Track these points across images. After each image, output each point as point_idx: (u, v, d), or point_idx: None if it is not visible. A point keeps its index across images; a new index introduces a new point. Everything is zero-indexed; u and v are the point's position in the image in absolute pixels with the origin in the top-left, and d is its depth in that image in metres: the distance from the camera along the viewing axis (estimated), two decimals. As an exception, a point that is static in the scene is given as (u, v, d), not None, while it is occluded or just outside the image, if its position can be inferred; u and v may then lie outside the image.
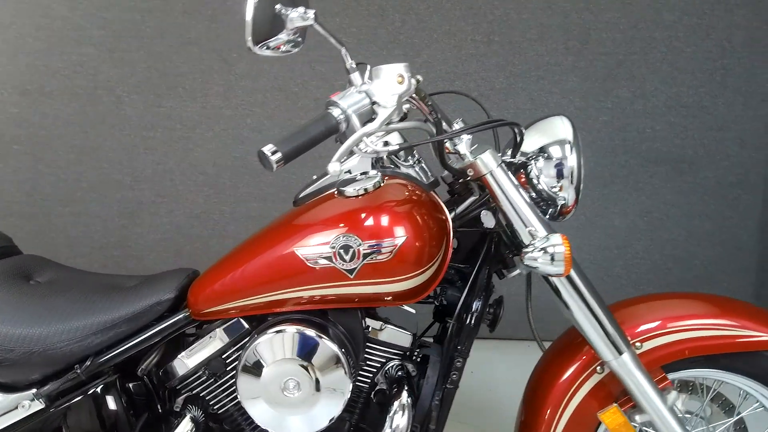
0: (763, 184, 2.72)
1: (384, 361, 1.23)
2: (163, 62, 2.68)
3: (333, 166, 1.03)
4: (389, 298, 1.12)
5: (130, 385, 1.23)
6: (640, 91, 2.67)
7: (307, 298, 1.13)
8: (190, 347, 1.19)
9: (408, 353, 1.23)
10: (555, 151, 1.15)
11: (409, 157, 1.24)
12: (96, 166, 2.74)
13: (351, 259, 1.09)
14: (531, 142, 1.19)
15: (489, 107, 2.67)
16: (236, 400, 1.21)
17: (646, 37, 2.63)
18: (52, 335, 1.13)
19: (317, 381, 1.11)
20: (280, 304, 1.14)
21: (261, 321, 1.21)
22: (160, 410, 1.25)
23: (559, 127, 1.17)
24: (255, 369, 1.11)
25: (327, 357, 1.11)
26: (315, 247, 1.11)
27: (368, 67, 1.19)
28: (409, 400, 1.13)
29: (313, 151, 1.06)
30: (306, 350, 1.11)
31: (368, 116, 1.08)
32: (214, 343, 1.18)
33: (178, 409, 1.24)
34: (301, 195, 1.23)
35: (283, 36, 1.11)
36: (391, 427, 1.11)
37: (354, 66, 1.19)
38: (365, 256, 1.09)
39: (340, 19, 2.66)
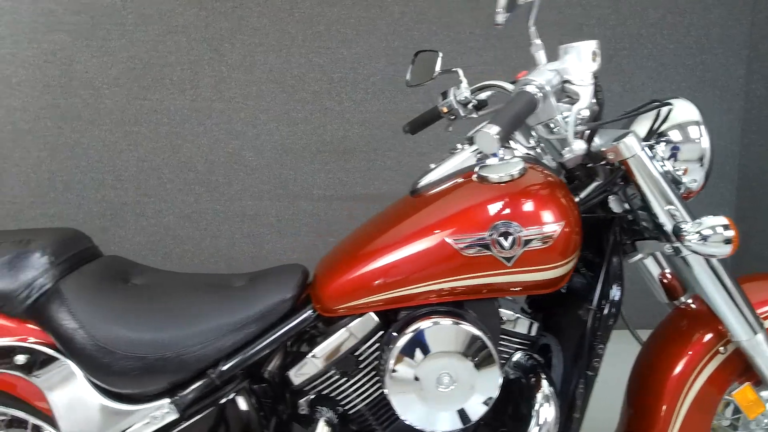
0: (737, 173, 2.92)
1: (512, 351, 1.18)
2: (147, 52, 2.41)
3: (578, 145, 1.02)
4: (531, 287, 1.08)
5: (256, 388, 1.13)
6: (629, 85, 2.76)
7: (449, 289, 1.07)
8: (320, 346, 1.10)
9: (532, 343, 1.19)
10: (688, 133, 1.12)
11: (531, 140, 1.20)
12: (72, 164, 2.43)
13: (511, 247, 1.05)
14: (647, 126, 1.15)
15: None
16: (367, 400, 1.13)
17: (634, 34, 2.71)
18: (184, 339, 1.03)
19: (471, 373, 1.06)
20: (420, 296, 1.08)
21: (389, 316, 1.14)
22: (284, 413, 1.15)
23: (687, 109, 1.14)
24: (406, 365, 1.05)
25: (479, 348, 1.06)
26: (469, 234, 1.06)
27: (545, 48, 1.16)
28: (551, 389, 1.08)
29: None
30: (459, 342, 1.06)
31: (558, 95, 1.06)
32: (345, 340, 1.10)
33: (304, 412, 1.13)
34: (421, 184, 1.17)
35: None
36: (538, 420, 1.06)
37: (540, 43, 1.15)
38: (525, 242, 1.05)
39: (338, 9, 2.54)
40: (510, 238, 1.05)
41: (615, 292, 1.12)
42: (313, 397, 1.14)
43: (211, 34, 2.46)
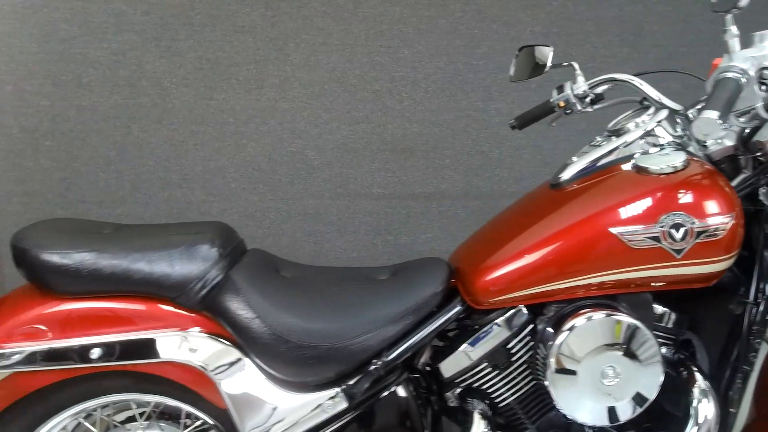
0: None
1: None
2: (214, 52, 2.38)
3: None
4: (690, 281, 1.07)
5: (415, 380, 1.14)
6: (690, 83, 2.76)
7: (608, 282, 1.06)
8: (472, 339, 1.11)
9: (674, 339, 1.17)
10: None
11: (678, 128, 1.18)
12: (139, 163, 2.41)
13: (682, 239, 1.04)
14: None
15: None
16: (518, 393, 1.12)
17: (694, 30, 2.71)
18: (351, 329, 1.04)
19: (634, 364, 1.05)
20: (575, 290, 1.07)
21: (535, 309, 1.13)
22: (435, 406, 1.15)
23: None
24: (569, 360, 1.04)
25: (642, 341, 1.04)
26: (637, 226, 1.04)
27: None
28: (707, 383, 1.06)
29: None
30: (623, 335, 1.04)
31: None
32: (498, 333, 1.10)
33: (452, 404, 1.14)
34: (564, 177, 1.16)
35: None
36: (696, 418, 1.03)
37: (735, 31, 1.16)
38: (698, 234, 1.04)
39: (400, 8, 2.53)
40: (682, 230, 1.04)
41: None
42: (461, 390, 1.14)
43: (277, 33, 2.46)
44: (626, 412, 1.07)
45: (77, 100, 2.36)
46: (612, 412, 1.07)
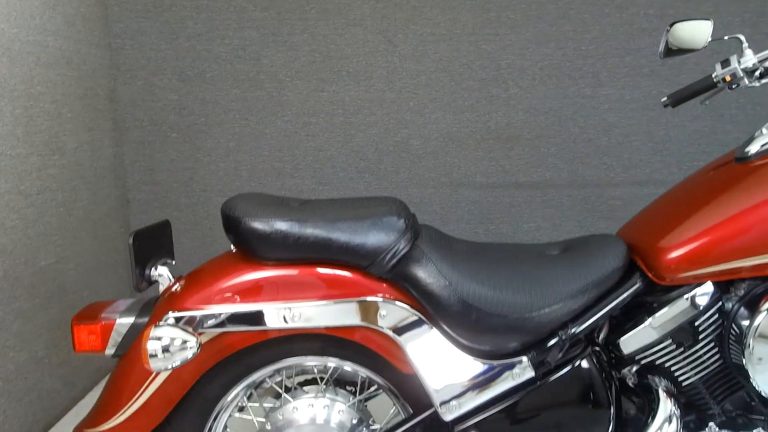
0: None
1: None
2: (327, 45, 2.40)
3: None
4: None
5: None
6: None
7: None
8: (657, 315, 1.06)
9: None
10: None
11: None
12: (256, 154, 2.46)
13: None
14: None
15: (660, 84, 2.58)
16: (703, 372, 1.07)
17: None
18: (538, 300, 1.03)
19: None
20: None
21: (723, 287, 1.07)
22: (616, 382, 1.10)
23: None
24: None
25: None
26: None
27: None
28: None
29: None
30: None
31: None
32: (685, 310, 1.05)
33: (630, 381, 1.10)
34: (752, 151, 1.11)
35: None
36: None
37: None
38: None
39: (509, -5, 2.53)
40: None
41: None
42: (639, 367, 1.10)
43: (386, 25, 2.48)
44: None
45: (201, 94, 2.47)
46: None
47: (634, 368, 1.08)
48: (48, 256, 1.90)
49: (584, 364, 1.04)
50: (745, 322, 1.00)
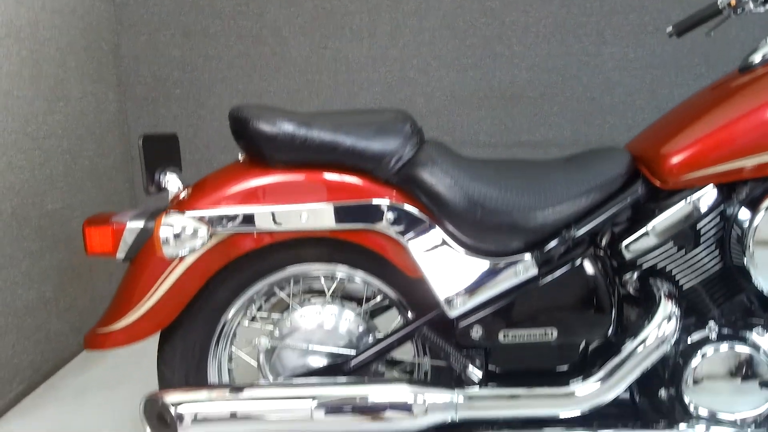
0: None
1: None
2: (330, 1, 2.45)
3: None
4: None
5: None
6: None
7: None
8: (659, 218, 1.07)
9: None
10: None
11: None
12: None
13: None
14: None
15: (665, 42, 2.57)
16: (703, 275, 1.09)
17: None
18: (542, 199, 1.05)
19: None
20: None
21: (726, 192, 1.08)
22: (619, 287, 1.12)
23: None
24: None
25: None
26: None
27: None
28: None
29: None
30: None
31: None
32: (687, 212, 1.06)
33: (631, 288, 1.11)
34: (755, 61, 1.13)
35: None
36: None
37: None
38: None
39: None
40: None
41: None
42: (641, 272, 1.11)
43: (390, -19, 2.51)
44: None
45: (204, 50, 2.48)
46: None
47: (636, 274, 1.10)
48: (54, 200, 1.92)
49: (586, 263, 1.06)
50: (746, 222, 1.02)
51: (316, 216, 1.02)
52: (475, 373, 1.03)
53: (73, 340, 2.01)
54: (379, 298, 1.16)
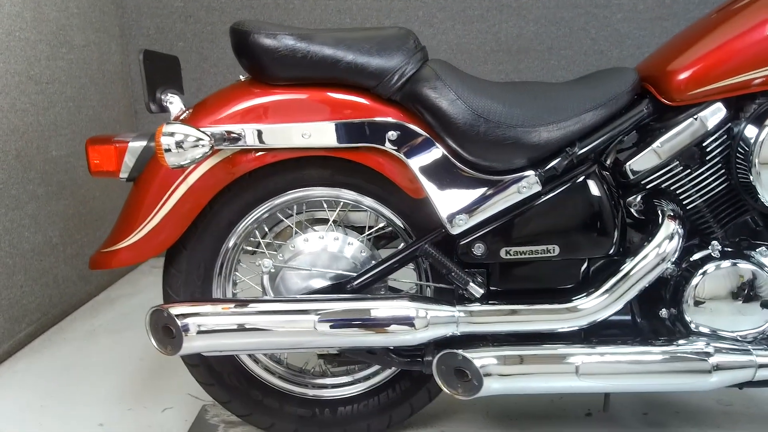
0: None
1: None
2: None
3: None
4: None
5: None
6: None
7: None
8: (664, 136, 1.06)
9: None
10: None
11: None
12: None
13: None
14: None
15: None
16: (708, 195, 1.08)
17: None
18: (546, 114, 1.04)
19: None
20: None
21: (734, 110, 1.06)
22: (618, 206, 1.11)
23: None
24: None
25: None
26: None
27: None
28: None
29: None
30: None
31: None
32: (693, 130, 1.05)
33: (636, 209, 1.11)
34: None
35: None
36: None
37: None
38: None
39: None
40: None
41: None
42: (646, 192, 1.11)
43: (394, -71, 2.47)
44: None
45: (207, 1, 2.45)
46: None
47: (641, 195, 1.09)
48: (59, 147, 1.93)
49: (589, 182, 1.06)
50: (753, 139, 1.01)
51: (318, 134, 1.02)
52: (477, 289, 1.03)
53: (81, 288, 2.04)
54: (382, 225, 1.16)
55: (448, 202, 1.03)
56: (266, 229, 1.18)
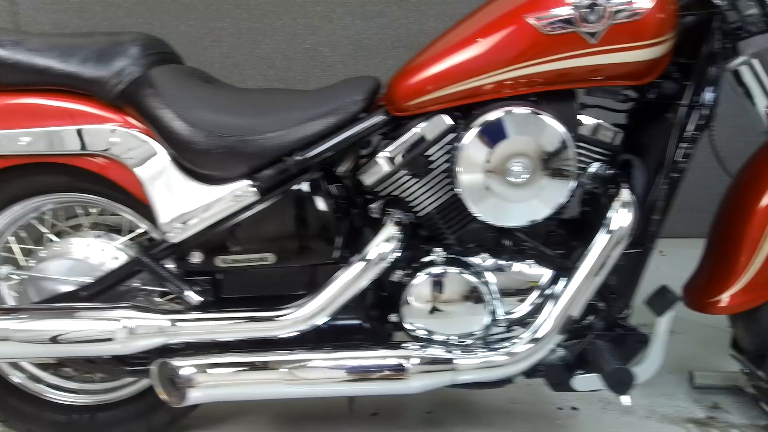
0: None
1: (590, 162, 1.09)
2: None
3: None
4: (617, 75, 1.02)
5: (332, 187, 1.14)
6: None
7: (526, 77, 1.02)
8: (390, 146, 1.08)
9: (612, 157, 1.10)
10: None
11: None
12: None
13: (597, 20, 0.99)
14: None
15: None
16: (437, 203, 1.10)
17: None
18: (262, 124, 1.05)
19: (543, 162, 1.02)
20: (494, 88, 1.02)
21: (459, 121, 1.08)
22: (358, 217, 1.16)
23: None
24: (478, 153, 1.02)
25: (556, 138, 1.01)
26: (551, 9, 1.00)
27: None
28: (632, 197, 1.01)
29: None
30: (530, 128, 1.01)
31: None
32: (416, 139, 1.07)
33: (375, 216, 1.13)
34: None
35: None
36: (610, 226, 1.00)
37: None
38: (614, 14, 0.99)
39: None
40: (597, 10, 0.98)
41: (709, 96, 1.02)
42: (380, 200, 1.13)
43: None
44: (539, 212, 1.03)
45: (96, -3, 2.49)
46: (524, 211, 1.04)
47: (376, 202, 1.11)
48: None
49: (309, 190, 1.07)
50: (458, 145, 1.01)
51: (40, 140, 1.03)
52: (193, 297, 1.05)
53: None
54: (138, 231, 1.17)
55: (167, 210, 1.04)
56: (21, 234, 1.20)
